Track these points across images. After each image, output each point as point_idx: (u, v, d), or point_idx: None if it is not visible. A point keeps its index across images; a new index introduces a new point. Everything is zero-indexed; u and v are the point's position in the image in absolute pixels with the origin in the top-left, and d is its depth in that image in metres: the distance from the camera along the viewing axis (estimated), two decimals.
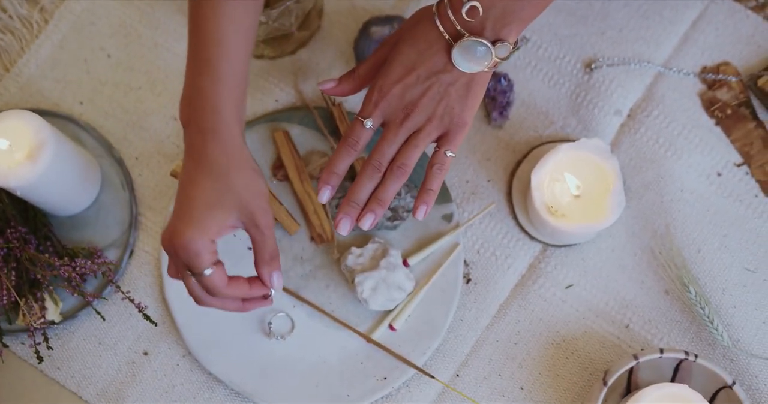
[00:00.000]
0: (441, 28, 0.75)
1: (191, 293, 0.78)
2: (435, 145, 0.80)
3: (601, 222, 0.88)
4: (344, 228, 0.79)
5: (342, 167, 0.79)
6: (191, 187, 0.77)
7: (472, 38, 0.74)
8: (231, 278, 0.78)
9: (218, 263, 0.77)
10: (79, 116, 1.00)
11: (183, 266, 0.77)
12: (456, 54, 0.75)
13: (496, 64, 0.76)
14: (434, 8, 0.76)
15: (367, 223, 0.79)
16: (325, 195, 0.79)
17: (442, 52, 0.76)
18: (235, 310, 0.80)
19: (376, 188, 0.79)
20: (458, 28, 0.75)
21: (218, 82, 0.76)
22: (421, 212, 0.80)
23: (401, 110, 0.78)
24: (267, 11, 0.91)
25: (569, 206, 0.90)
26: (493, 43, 0.74)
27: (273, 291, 0.80)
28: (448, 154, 0.79)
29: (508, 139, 0.98)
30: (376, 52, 0.80)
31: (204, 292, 0.78)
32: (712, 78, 0.98)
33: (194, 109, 0.77)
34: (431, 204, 0.80)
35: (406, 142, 0.79)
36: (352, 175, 0.96)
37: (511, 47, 0.75)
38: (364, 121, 0.78)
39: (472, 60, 0.75)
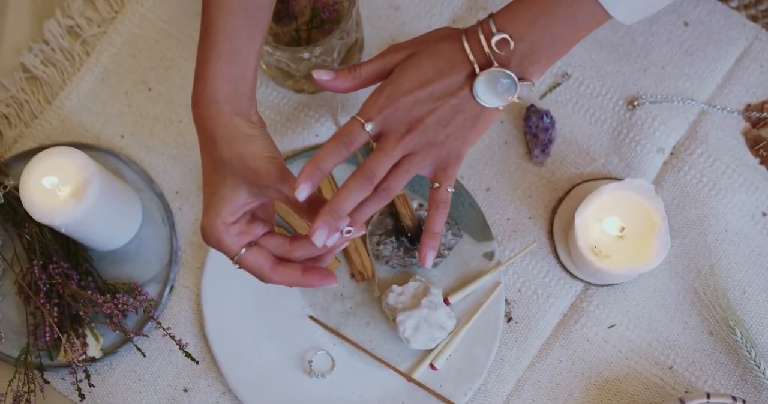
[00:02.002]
0: (469, 52, 0.73)
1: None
2: (430, 182, 0.76)
3: (645, 264, 0.87)
4: (319, 239, 0.70)
5: (329, 165, 0.72)
6: (203, 176, 0.75)
7: (501, 69, 0.72)
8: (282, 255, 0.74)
9: (252, 244, 0.74)
10: (120, 150, 1.00)
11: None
12: (480, 82, 0.72)
13: (508, 103, 0.73)
14: (463, 32, 0.74)
15: (332, 240, 0.72)
16: (304, 192, 0.70)
17: (463, 76, 0.73)
18: (295, 284, 0.74)
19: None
20: (488, 55, 0.72)
21: (211, 57, 0.73)
22: (430, 259, 0.76)
23: (404, 124, 0.73)
24: (311, 48, 0.91)
25: (613, 247, 0.89)
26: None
27: (321, 243, 0.71)
28: (450, 190, 0.76)
29: (549, 175, 0.97)
30: (383, 56, 0.76)
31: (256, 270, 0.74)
32: (756, 116, 0.97)
33: (193, 88, 0.75)
34: (437, 249, 0.76)
35: (397, 164, 0.74)
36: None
37: (532, 89, 0.73)
38: (365, 124, 0.73)
39: (494, 93, 0.73)
